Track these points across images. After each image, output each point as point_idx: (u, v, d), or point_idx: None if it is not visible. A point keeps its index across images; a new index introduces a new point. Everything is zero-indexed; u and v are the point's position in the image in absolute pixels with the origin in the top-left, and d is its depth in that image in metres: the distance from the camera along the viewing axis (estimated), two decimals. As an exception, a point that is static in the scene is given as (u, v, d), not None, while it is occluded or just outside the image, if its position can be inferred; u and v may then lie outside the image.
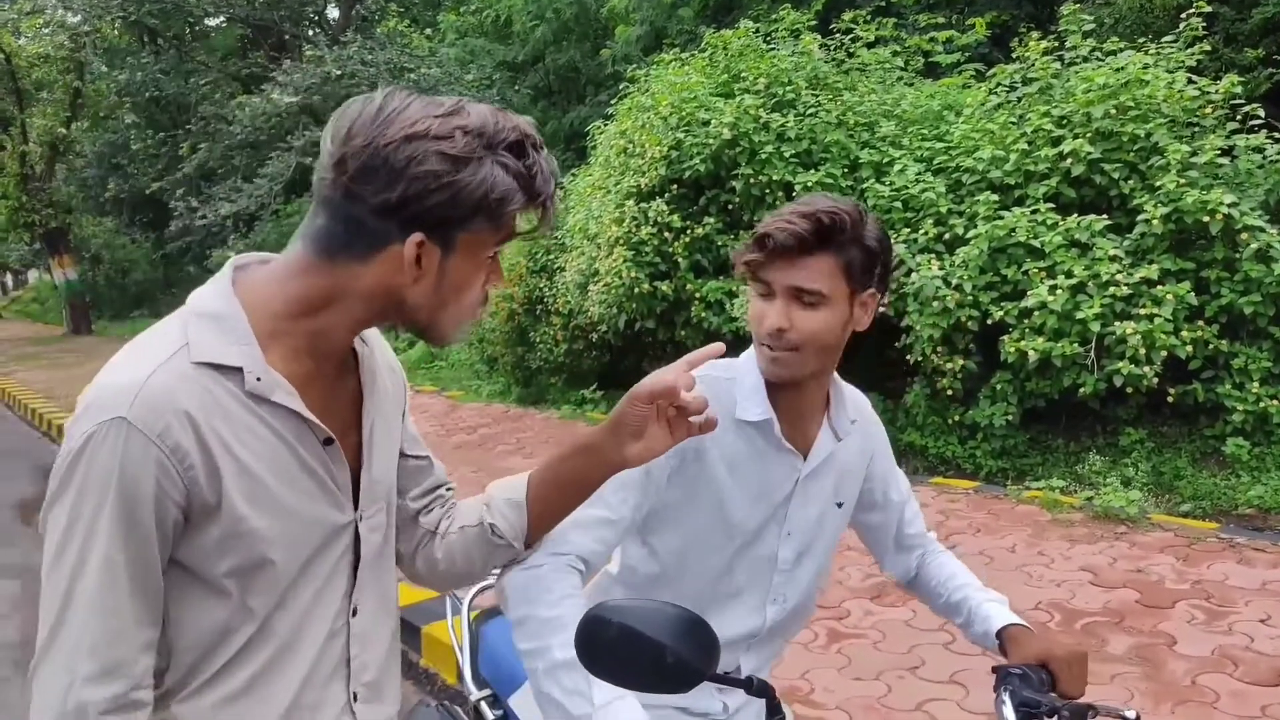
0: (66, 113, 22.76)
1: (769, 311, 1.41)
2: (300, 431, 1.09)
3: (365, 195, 1.01)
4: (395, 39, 18.21)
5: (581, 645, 1.13)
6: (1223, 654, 3.55)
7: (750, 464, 1.49)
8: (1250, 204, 5.54)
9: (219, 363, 1.03)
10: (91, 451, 0.98)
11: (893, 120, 7.15)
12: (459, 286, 1.09)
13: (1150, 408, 5.85)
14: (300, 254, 1.07)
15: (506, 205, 1.03)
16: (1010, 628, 1.53)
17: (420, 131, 1.01)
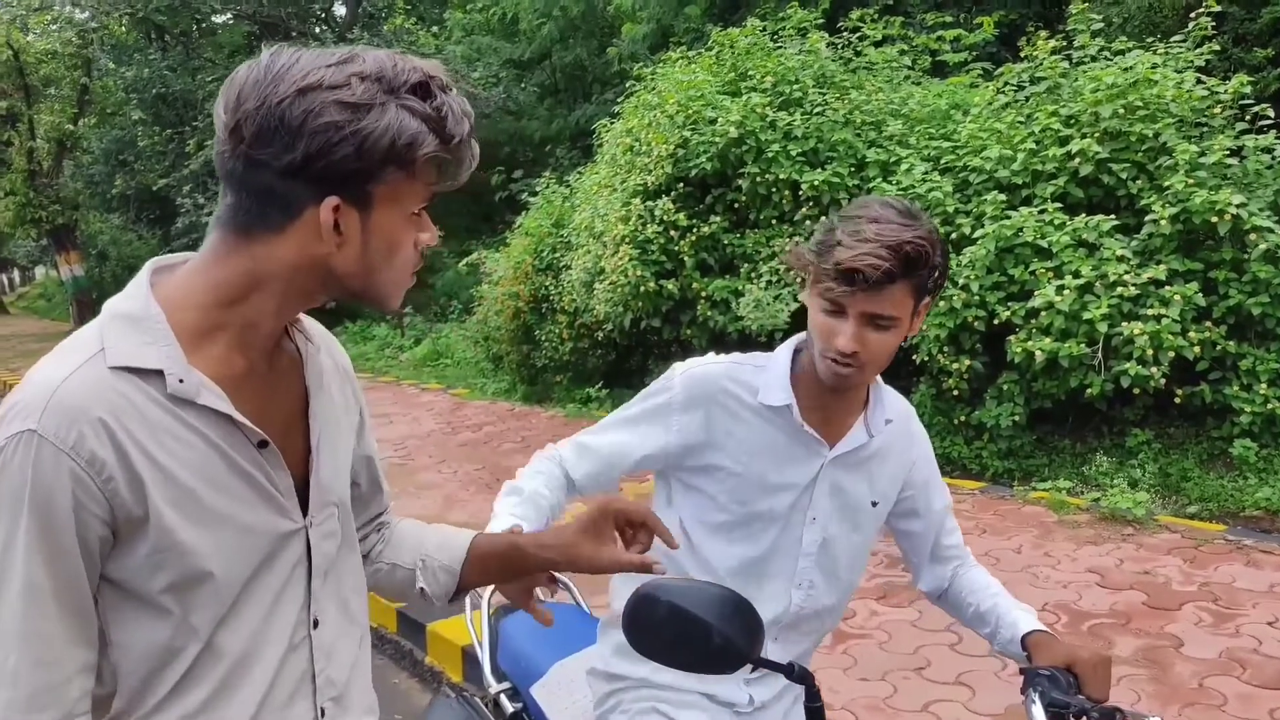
0: (74, 109, 22.83)
1: (840, 330, 1.42)
2: (231, 435, 1.02)
3: (267, 160, 0.95)
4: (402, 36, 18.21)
5: (630, 622, 1.14)
6: (1230, 656, 3.54)
7: (770, 449, 1.55)
8: (1259, 204, 5.52)
9: (137, 366, 0.97)
10: (0, 468, 0.93)
11: (900, 119, 7.13)
12: (388, 247, 1.02)
13: (1157, 409, 5.83)
14: (215, 240, 1.02)
15: (417, 149, 0.97)
16: (1035, 634, 1.54)
17: (314, 83, 0.95)
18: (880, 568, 4.58)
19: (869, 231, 1.37)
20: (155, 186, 19.71)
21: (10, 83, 22.25)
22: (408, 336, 13.70)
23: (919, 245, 1.37)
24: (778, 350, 1.59)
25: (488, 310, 10.05)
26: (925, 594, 1.78)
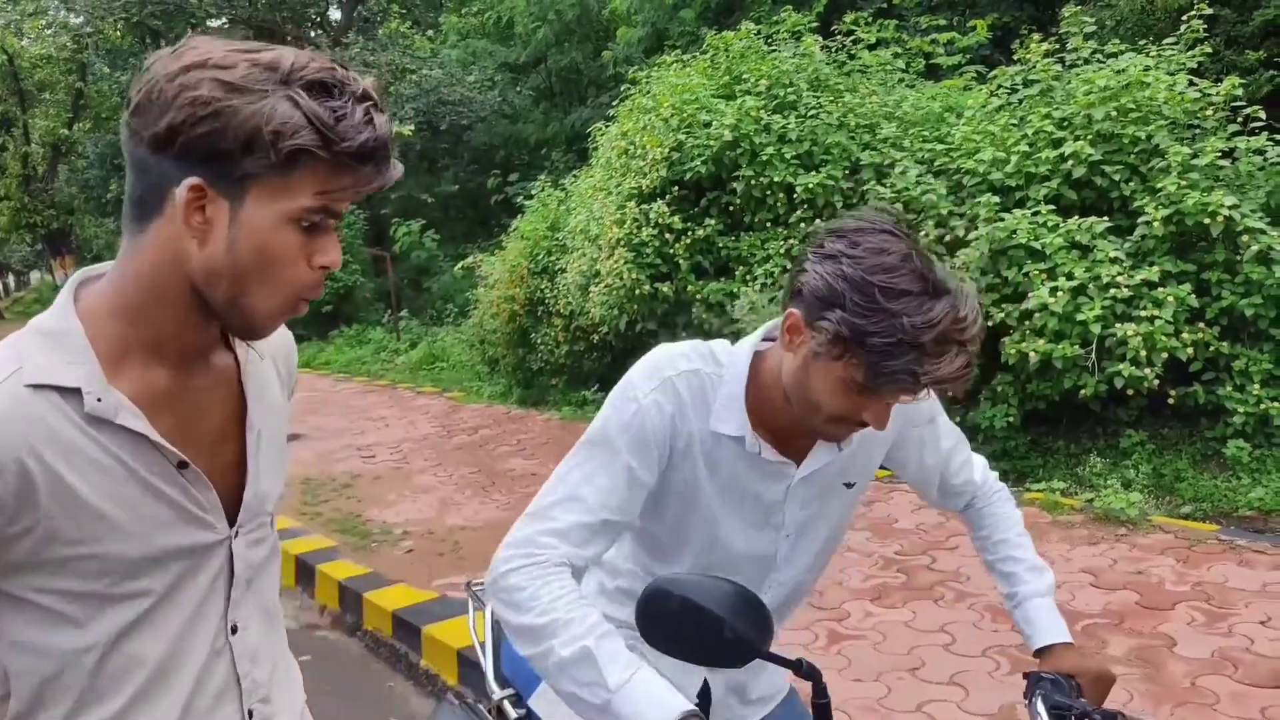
0: (69, 114, 22.84)
1: (872, 410, 1.28)
2: (149, 456, 0.99)
3: (140, 130, 0.92)
4: (397, 40, 18.24)
5: (642, 616, 1.16)
6: (1223, 656, 3.55)
7: (729, 471, 1.43)
8: (1251, 206, 5.54)
9: (54, 384, 0.94)
10: None
11: (894, 122, 7.15)
12: (260, 253, 0.94)
13: (1151, 410, 5.85)
14: (122, 244, 0.98)
15: (284, 139, 0.89)
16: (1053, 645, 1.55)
17: (201, 61, 0.92)
18: (875, 569, 4.59)
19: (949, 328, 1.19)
20: (150, 191, 19.68)
21: (4, 88, 22.28)
22: (403, 340, 13.70)
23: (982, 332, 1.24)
24: (735, 360, 1.40)
25: (483, 313, 10.06)
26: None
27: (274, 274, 0.96)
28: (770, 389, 1.37)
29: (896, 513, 5.34)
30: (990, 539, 1.67)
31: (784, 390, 1.34)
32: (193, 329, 1.00)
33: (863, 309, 1.18)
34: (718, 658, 1.19)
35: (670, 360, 1.40)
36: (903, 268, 1.19)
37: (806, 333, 1.26)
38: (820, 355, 1.24)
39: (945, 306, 1.18)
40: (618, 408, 1.38)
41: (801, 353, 1.28)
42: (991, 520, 1.67)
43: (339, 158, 0.92)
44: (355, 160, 0.93)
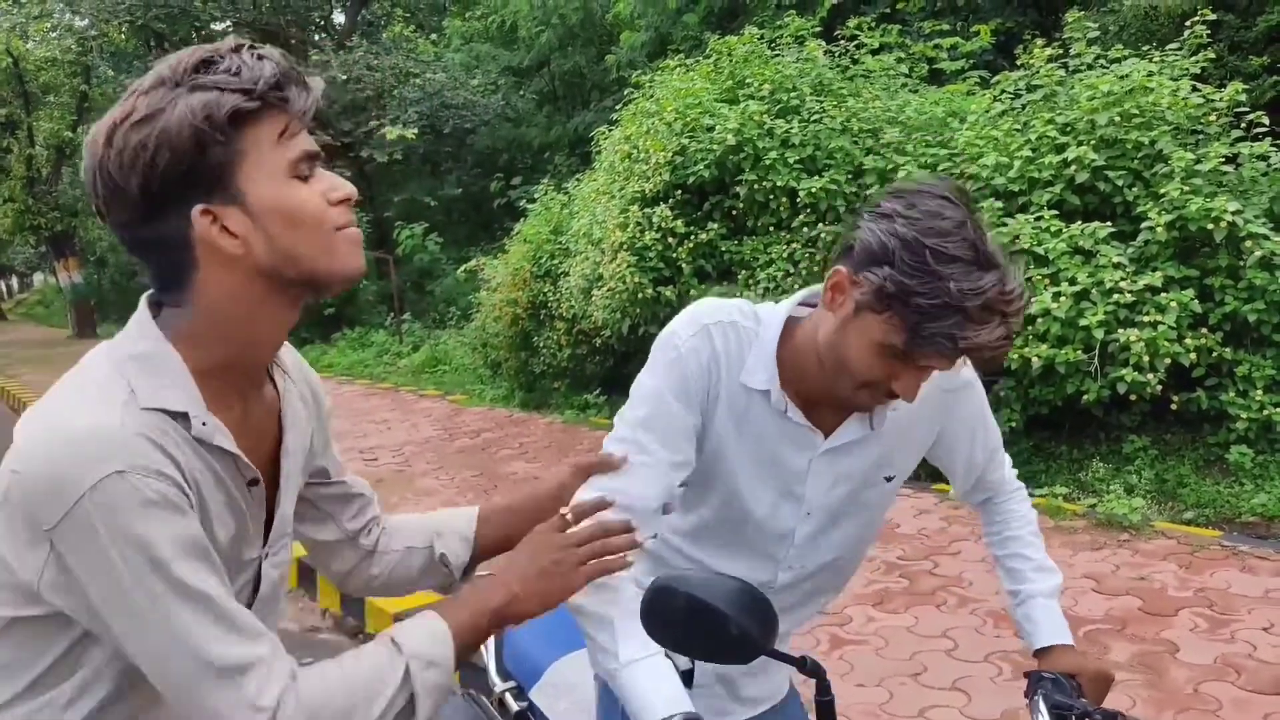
0: (73, 116, 22.85)
1: (904, 378, 1.26)
2: (234, 474, 1.05)
3: (128, 219, 0.99)
4: (401, 44, 18.27)
5: (647, 613, 1.16)
6: (1225, 662, 3.55)
7: (756, 428, 1.41)
8: (1254, 211, 5.54)
9: (166, 408, 0.99)
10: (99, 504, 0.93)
11: (897, 127, 7.15)
12: (285, 217, 1.00)
13: (1154, 415, 5.84)
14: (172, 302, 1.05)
15: (219, 112, 0.95)
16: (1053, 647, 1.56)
17: (109, 129, 0.97)
18: (878, 574, 4.59)
19: (996, 298, 1.18)
20: (154, 193, 19.72)
21: (9, 90, 22.30)
22: (406, 343, 13.70)
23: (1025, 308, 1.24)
24: (771, 316, 1.41)
25: (486, 317, 10.07)
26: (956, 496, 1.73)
27: (309, 227, 1.01)
28: (803, 352, 1.36)
29: (899, 518, 5.33)
30: (1001, 535, 1.67)
31: (818, 353, 1.33)
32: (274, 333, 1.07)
33: (911, 269, 1.18)
34: (723, 654, 1.20)
35: (711, 310, 1.40)
36: (956, 234, 1.18)
37: (850, 291, 1.25)
38: (862, 310, 1.24)
39: (994, 279, 1.18)
40: (659, 357, 1.40)
41: (842, 313, 1.27)
42: (1005, 516, 1.67)
43: (264, 102, 0.97)
44: (276, 93, 0.98)
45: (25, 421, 0.99)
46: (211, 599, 0.97)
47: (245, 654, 0.97)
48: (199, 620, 0.96)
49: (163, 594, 0.94)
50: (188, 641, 0.95)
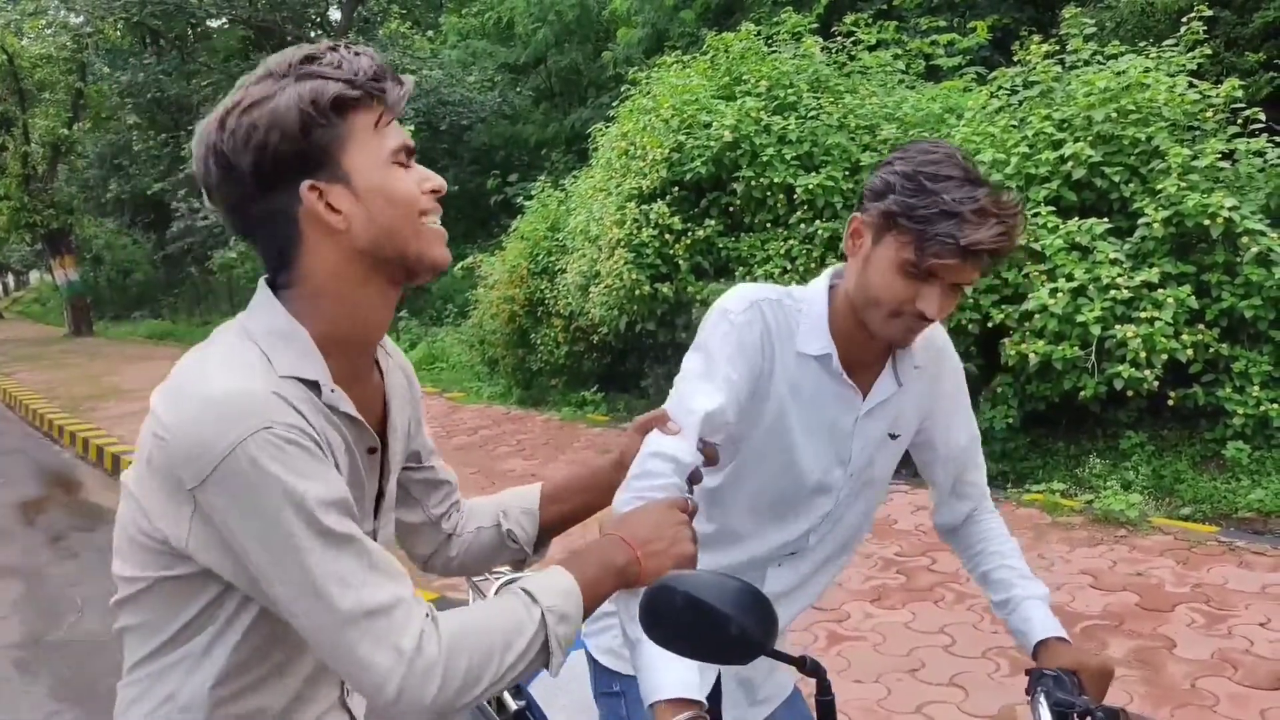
0: (68, 113, 22.81)
1: (926, 296, 1.36)
2: (357, 441, 1.13)
3: (240, 195, 1.07)
4: (397, 41, 18.24)
5: (646, 613, 1.16)
6: (1222, 657, 3.55)
7: (811, 395, 1.49)
8: (1251, 207, 5.54)
9: (301, 376, 1.06)
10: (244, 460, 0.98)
11: (894, 123, 7.14)
12: (385, 198, 1.08)
13: (1151, 411, 5.85)
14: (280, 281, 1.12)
15: (324, 97, 1.04)
16: (1049, 641, 1.57)
17: (221, 114, 1.06)
18: (874, 570, 4.59)
19: (989, 204, 1.31)
20: (150, 191, 19.71)
21: (4, 87, 22.25)
22: (403, 340, 13.70)
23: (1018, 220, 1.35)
24: (812, 289, 1.51)
25: (483, 314, 10.06)
26: (937, 526, 1.77)
27: (405, 209, 1.09)
28: (841, 314, 1.47)
29: (896, 514, 5.34)
30: (984, 549, 1.69)
31: (851, 304, 1.44)
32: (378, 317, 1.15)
33: (910, 191, 1.33)
34: (724, 655, 1.20)
35: (757, 289, 1.50)
36: (947, 162, 1.34)
37: (865, 231, 1.41)
38: (877, 239, 1.38)
39: (986, 191, 1.33)
40: (711, 329, 1.46)
41: (862, 251, 1.41)
42: (986, 533, 1.71)
43: (365, 91, 1.07)
44: (375, 84, 1.08)
45: (161, 393, 1.06)
46: (356, 542, 1.03)
47: (389, 596, 1.02)
48: (345, 564, 1.01)
49: (309, 541, 1.00)
50: (334, 586, 1.00)
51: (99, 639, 4.66)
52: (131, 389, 12.29)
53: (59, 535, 6.57)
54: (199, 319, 22.29)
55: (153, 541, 1.07)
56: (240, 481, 0.98)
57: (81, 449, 9.25)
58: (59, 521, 6.99)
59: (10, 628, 4.87)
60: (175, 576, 1.08)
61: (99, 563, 5.84)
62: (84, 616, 4.97)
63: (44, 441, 10.31)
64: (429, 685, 1.01)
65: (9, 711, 3.99)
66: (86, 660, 4.43)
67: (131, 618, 1.12)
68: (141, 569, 1.09)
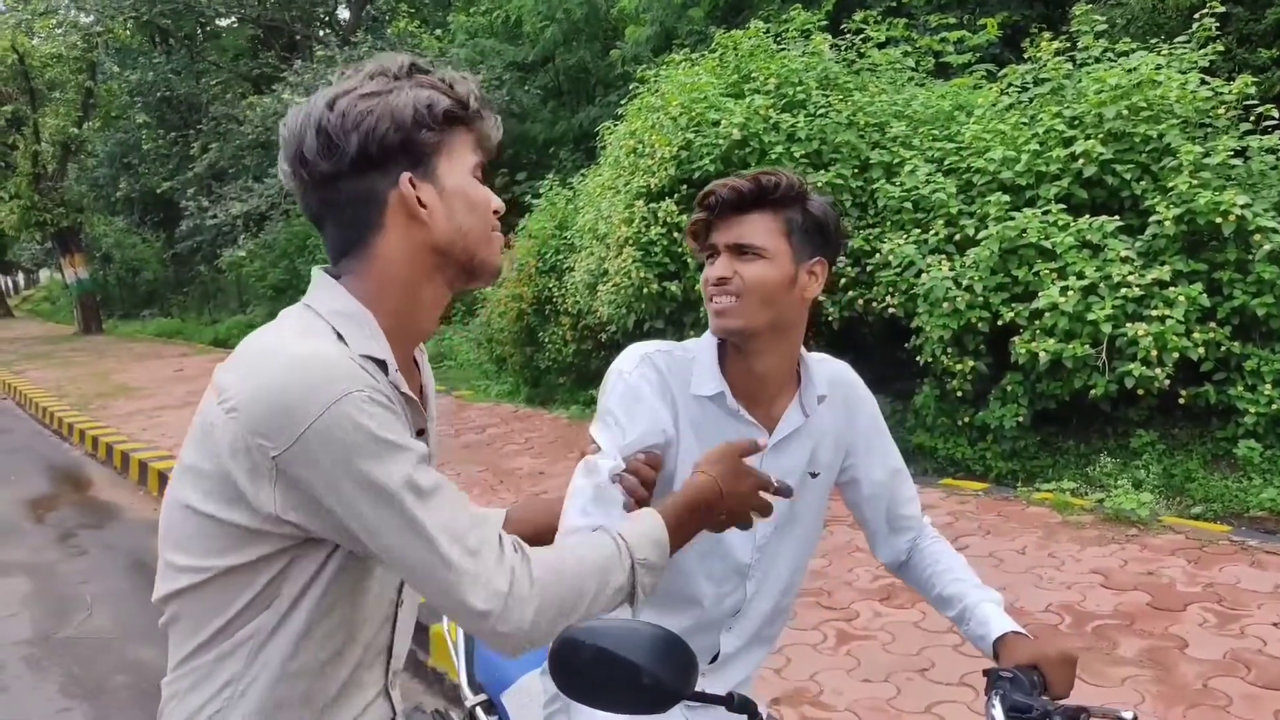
0: (78, 112, 22.89)
1: (711, 269, 1.50)
2: (411, 422, 1.18)
3: (335, 169, 1.13)
4: (406, 39, 18.26)
5: (556, 668, 1.12)
6: (1235, 657, 3.53)
7: (713, 437, 1.50)
8: (1263, 205, 5.51)
9: (372, 355, 1.12)
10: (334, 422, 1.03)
11: (903, 121, 7.12)
12: (467, 203, 1.18)
13: (1162, 410, 5.82)
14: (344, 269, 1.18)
15: (438, 108, 1.14)
16: (1007, 635, 1.53)
17: (336, 94, 1.14)
18: (884, 569, 4.57)
19: (721, 182, 1.49)
20: (159, 189, 19.77)
21: (15, 86, 22.34)
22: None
23: (773, 176, 1.47)
24: (704, 338, 1.59)
25: (491, 312, 10.06)
26: (884, 564, 1.78)
27: (481, 220, 1.20)
28: (734, 356, 1.54)
29: (905, 513, 5.32)
30: (936, 570, 1.70)
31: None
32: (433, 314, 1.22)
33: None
34: (638, 706, 1.14)
35: (643, 346, 1.57)
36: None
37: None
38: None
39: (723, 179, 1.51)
40: (609, 392, 1.52)
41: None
42: (934, 554, 1.72)
43: (467, 111, 1.18)
44: (480, 108, 1.20)
45: (229, 369, 1.10)
46: (446, 489, 1.11)
47: (479, 539, 1.10)
48: (443, 513, 1.08)
49: (409, 494, 1.06)
50: (439, 534, 1.07)
51: (108, 636, 4.67)
52: (140, 387, 12.32)
53: (68, 533, 6.59)
54: (208, 317, 22.34)
55: (222, 525, 1.09)
56: (336, 443, 1.03)
57: (91, 447, 9.28)
58: (68, 519, 7.02)
59: (20, 625, 4.88)
60: (238, 565, 1.10)
61: (108, 560, 5.86)
62: (93, 614, 4.98)
63: (53, 439, 10.34)
64: (524, 619, 1.09)
65: (19, 708, 4.00)
66: (96, 657, 4.45)
67: (185, 608, 1.15)
68: (204, 558, 1.11)
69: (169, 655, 1.18)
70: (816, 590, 4.34)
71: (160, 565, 1.18)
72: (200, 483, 1.10)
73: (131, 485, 7.87)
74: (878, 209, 6.74)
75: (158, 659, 4.35)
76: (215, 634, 1.13)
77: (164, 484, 7.30)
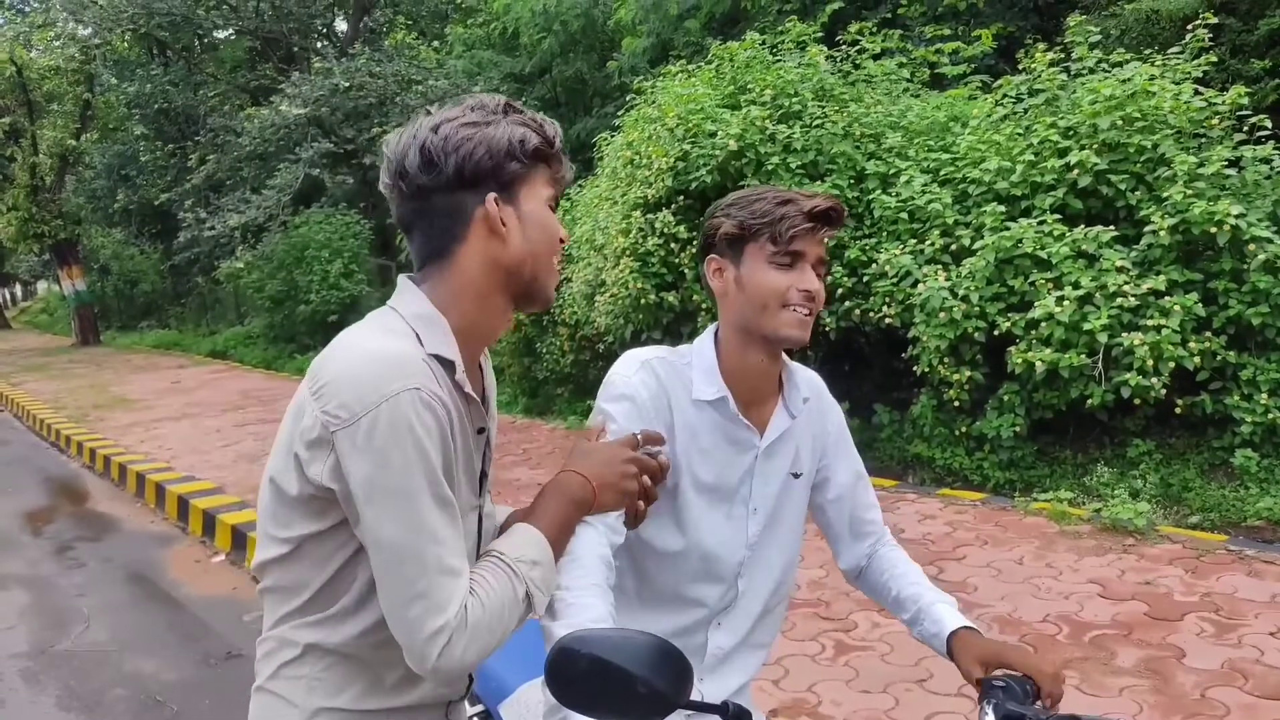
0: (76, 124, 22.90)
1: (802, 279, 1.52)
2: (472, 420, 1.30)
3: (432, 184, 1.26)
4: (403, 51, 18.29)
5: (552, 676, 1.13)
6: (1232, 667, 3.53)
7: (710, 441, 1.57)
8: (1257, 215, 5.53)
9: (442, 355, 1.24)
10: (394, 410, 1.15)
11: (899, 131, 7.15)
12: (541, 231, 1.31)
13: (1158, 419, 5.83)
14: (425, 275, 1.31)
15: (529, 144, 1.28)
16: (960, 631, 1.55)
17: (440, 120, 1.28)
18: (882, 579, 4.57)
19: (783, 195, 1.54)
20: (157, 201, 19.78)
21: (13, 99, 22.35)
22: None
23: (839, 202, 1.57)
24: (699, 342, 1.62)
25: (489, 323, 10.06)
26: (844, 573, 1.80)
27: (551, 248, 1.33)
28: (731, 359, 1.58)
29: (904, 523, 5.32)
30: (893, 574, 1.72)
31: (742, 341, 1.56)
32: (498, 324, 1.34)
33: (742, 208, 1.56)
34: (634, 714, 1.14)
35: (642, 352, 1.61)
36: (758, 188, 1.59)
37: (723, 261, 1.57)
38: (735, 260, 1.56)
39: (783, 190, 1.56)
40: (607, 397, 1.55)
41: (729, 280, 1.56)
42: (894, 560, 1.75)
43: (551, 150, 1.32)
44: (559, 152, 1.33)
45: (320, 359, 1.23)
46: (454, 507, 1.20)
47: (458, 564, 1.18)
48: (443, 524, 1.18)
49: (421, 494, 1.16)
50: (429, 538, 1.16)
51: (106, 649, 4.66)
52: (138, 399, 12.31)
53: (66, 545, 6.57)
54: (205, 328, 22.32)
55: (295, 499, 1.22)
56: (380, 429, 1.14)
57: (88, 459, 9.26)
58: (66, 531, 7.00)
59: (17, 637, 4.87)
60: (320, 532, 1.23)
61: (106, 573, 5.84)
62: (91, 627, 4.97)
63: (51, 451, 10.32)
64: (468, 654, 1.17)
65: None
66: (93, 671, 4.43)
67: (278, 577, 1.28)
68: (288, 527, 1.24)
69: (264, 619, 1.33)
70: (815, 601, 4.34)
71: (258, 535, 1.31)
72: (280, 458, 1.24)
73: (129, 497, 7.86)
74: (874, 219, 6.76)
75: (156, 671, 4.35)
76: (304, 604, 1.26)
77: (162, 496, 7.29)
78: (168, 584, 5.48)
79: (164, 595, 5.34)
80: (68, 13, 17.31)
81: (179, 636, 4.73)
